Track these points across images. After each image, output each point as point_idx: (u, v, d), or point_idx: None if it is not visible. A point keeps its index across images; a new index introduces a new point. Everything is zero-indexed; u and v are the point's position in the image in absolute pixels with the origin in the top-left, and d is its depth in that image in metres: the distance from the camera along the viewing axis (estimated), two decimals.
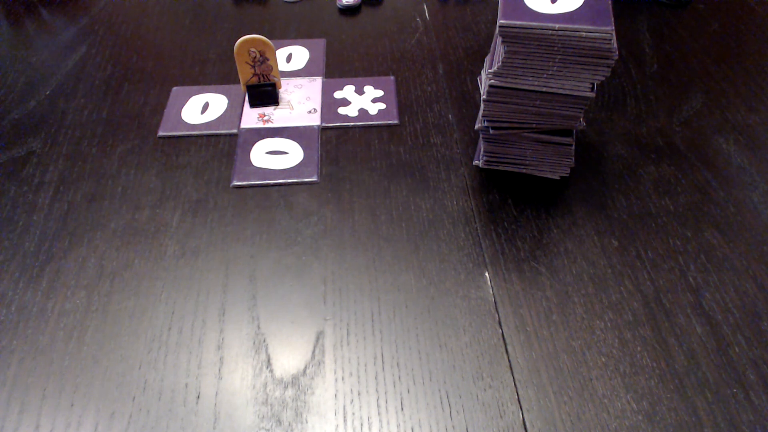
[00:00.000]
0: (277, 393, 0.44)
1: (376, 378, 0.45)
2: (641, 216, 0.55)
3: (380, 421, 0.42)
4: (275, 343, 0.47)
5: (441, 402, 0.43)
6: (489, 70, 0.51)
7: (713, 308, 0.48)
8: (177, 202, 0.56)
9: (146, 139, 0.62)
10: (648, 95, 0.67)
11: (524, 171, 0.57)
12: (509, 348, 0.46)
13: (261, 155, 0.60)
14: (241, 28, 0.76)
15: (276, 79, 0.64)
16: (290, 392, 0.44)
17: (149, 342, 0.47)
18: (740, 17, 0.77)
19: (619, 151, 0.60)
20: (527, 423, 0.42)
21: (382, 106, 0.65)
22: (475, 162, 0.58)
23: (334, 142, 0.62)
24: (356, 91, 0.67)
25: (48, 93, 0.68)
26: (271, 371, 0.45)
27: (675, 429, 0.42)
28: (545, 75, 0.49)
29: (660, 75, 0.69)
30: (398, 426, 0.42)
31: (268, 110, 0.65)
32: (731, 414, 0.42)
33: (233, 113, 0.65)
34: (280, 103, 0.65)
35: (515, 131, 0.53)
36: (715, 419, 0.42)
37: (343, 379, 0.45)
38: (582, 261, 0.51)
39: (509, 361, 0.45)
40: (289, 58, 0.72)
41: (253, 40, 0.60)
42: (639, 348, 0.46)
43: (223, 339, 0.47)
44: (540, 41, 0.47)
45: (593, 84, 0.49)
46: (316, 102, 0.66)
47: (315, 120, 0.64)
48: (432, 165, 0.59)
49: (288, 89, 0.67)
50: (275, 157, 0.60)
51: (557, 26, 0.46)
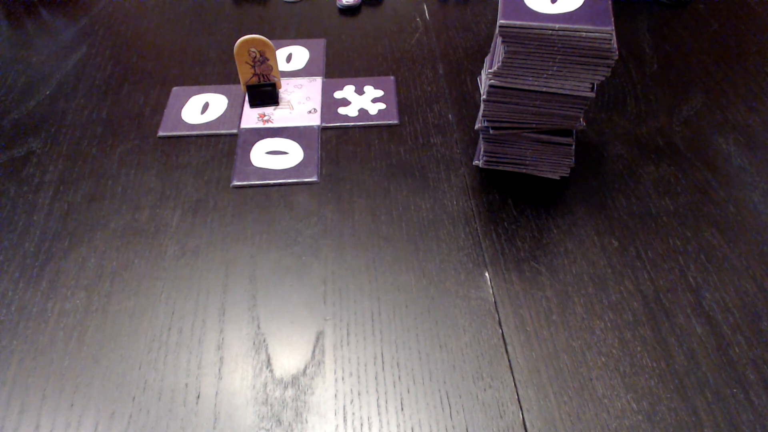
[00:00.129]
0: (277, 393, 0.44)
1: (376, 378, 0.45)
2: (641, 216, 0.55)
3: (380, 421, 0.42)
4: (275, 343, 0.47)
5: (441, 402, 0.43)
6: (489, 70, 0.51)
7: (713, 308, 0.48)
8: (177, 202, 0.56)
9: (146, 139, 0.62)
10: (648, 95, 0.67)
11: (524, 171, 0.57)
12: (509, 348, 0.46)
13: (261, 155, 0.60)
14: (241, 28, 0.76)
15: (276, 79, 0.64)
16: (290, 392, 0.44)
17: (149, 342, 0.47)
18: (740, 17, 0.77)
19: (619, 151, 0.60)
20: (527, 423, 0.42)
21: (382, 106, 0.65)
22: (475, 162, 0.58)
23: (334, 142, 0.62)
24: (356, 91, 0.67)
25: (48, 93, 0.68)
26: (271, 371, 0.45)
27: (675, 429, 0.42)
28: (545, 75, 0.49)
29: (660, 75, 0.69)
30: (398, 426, 0.42)
31: (268, 110, 0.65)
32: (731, 414, 0.42)
33: (233, 113, 0.65)
34: (280, 103, 0.65)
35: (515, 131, 0.53)
36: (715, 419, 0.42)
37: (343, 379, 0.45)
38: (582, 261, 0.51)
39: (509, 361, 0.45)
40: (289, 58, 0.72)
41: (253, 40, 0.60)
42: (639, 348, 0.46)
43: (223, 339, 0.47)
44: (540, 41, 0.47)
45: (593, 84, 0.49)
46: (316, 102, 0.66)
47: (315, 120, 0.64)
48: (432, 165, 0.59)
49: (288, 89, 0.67)
50: (275, 157, 0.60)
51: (557, 26, 0.46)
